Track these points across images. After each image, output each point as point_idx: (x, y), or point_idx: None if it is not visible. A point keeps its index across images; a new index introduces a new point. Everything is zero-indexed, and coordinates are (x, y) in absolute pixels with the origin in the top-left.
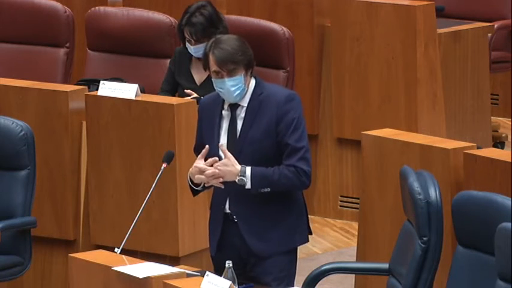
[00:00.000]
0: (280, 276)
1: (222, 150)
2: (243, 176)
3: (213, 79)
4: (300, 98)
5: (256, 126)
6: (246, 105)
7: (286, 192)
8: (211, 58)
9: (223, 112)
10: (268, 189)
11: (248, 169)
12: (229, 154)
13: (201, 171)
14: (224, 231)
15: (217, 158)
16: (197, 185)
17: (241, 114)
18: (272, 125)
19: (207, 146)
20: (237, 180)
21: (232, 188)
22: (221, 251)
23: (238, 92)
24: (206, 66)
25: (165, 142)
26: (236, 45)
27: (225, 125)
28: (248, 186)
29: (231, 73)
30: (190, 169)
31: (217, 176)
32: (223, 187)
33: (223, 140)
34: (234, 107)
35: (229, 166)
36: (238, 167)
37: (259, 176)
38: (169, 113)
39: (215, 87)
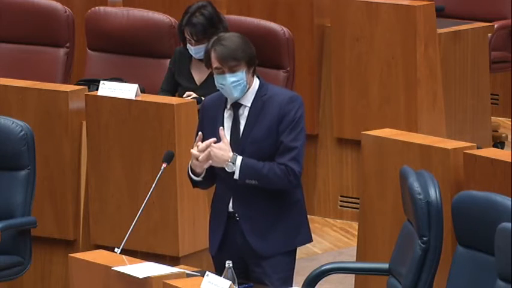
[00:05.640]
0: (282, 276)
1: (220, 135)
2: (233, 163)
3: (214, 75)
4: (302, 100)
5: (259, 126)
6: (249, 105)
7: (288, 192)
8: (212, 55)
9: (226, 112)
10: (255, 182)
11: (239, 158)
12: (226, 140)
13: (196, 158)
14: (226, 230)
15: (213, 140)
16: (198, 175)
17: (244, 113)
18: (274, 124)
19: (200, 133)
20: (225, 167)
21: (236, 187)
22: (223, 250)
23: (239, 88)
24: (208, 64)
25: (165, 142)
26: (238, 42)
27: (227, 125)
28: (236, 175)
29: (232, 69)
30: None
31: (208, 158)
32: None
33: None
34: (236, 106)
35: (222, 150)
36: (231, 153)
37: (249, 167)
38: (169, 113)
39: (216, 84)
